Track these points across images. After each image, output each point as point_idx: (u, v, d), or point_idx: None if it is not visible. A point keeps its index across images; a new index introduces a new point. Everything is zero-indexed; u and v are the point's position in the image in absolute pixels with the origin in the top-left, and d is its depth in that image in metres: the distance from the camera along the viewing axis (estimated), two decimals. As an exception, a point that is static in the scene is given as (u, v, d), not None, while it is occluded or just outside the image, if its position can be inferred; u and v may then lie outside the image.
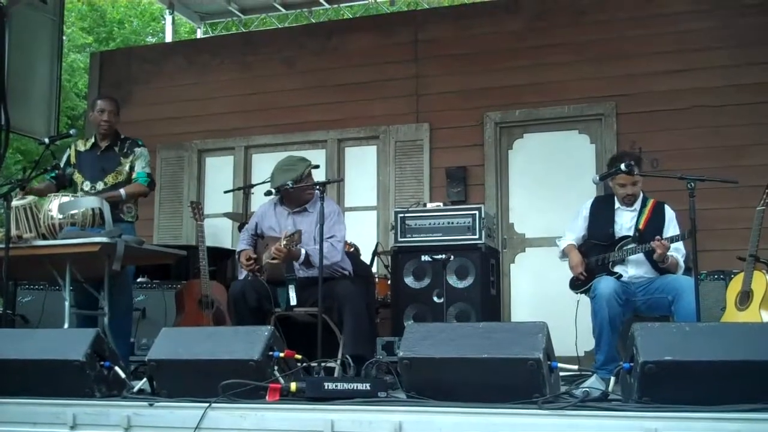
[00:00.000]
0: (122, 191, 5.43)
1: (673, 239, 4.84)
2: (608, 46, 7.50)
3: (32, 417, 3.70)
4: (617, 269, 5.02)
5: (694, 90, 7.16)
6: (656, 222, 5.02)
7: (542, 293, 7.14)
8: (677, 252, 4.94)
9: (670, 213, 5.09)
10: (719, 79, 7.11)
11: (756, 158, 6.72)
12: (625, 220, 5.13)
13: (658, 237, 4.82)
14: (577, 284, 5.18)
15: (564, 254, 5.29)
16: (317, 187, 4.92)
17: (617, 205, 5.17)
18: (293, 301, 4.92)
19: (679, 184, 4.51)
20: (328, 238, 4.93)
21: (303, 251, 4.94)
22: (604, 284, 4.81)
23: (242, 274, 5.27)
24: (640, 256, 4.97)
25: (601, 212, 5.21)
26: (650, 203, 5.13)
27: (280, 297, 5.01)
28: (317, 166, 5.43)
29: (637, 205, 5.13)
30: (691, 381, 3.09)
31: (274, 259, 4.90)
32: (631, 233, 5.06)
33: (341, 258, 5.13)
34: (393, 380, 3.89)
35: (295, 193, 5.15)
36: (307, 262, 4.98)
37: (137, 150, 5.62)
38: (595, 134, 7.54)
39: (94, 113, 5.67)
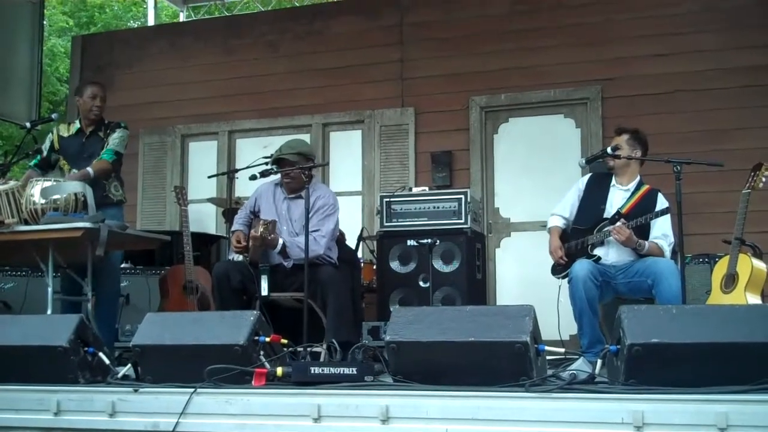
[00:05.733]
0: (89, 170, 5.28)
1: (637, 223, 4.73)
2: (594, 30, 7.48)
3: (16, 403, 3.69)
4: (599, 252, 4.89)
5: (680, 74, 7.15)
6: (643, 208, 4.87)
7: (527, 278, 7.13)
8: (665, 239, 4.84)
9: (662, 202, 4.90)
10: (705, 62, 7.10)
11: (741, 142, 6.72)
12: (617, 200, 5.00)
13: (620, 221, 4.73)
14: (557, 269, 5.14)
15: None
16: (303, 172, 4.87)
17: (613, 182, 5.06)
18: (264, 291, 4.85)
19: (665, 167, 4.51)
20: (313, 231, 4.87)
21: (281, 242, 4.88)
22: (579, 266, 4.71)
23: (232, 254, 5.22)
24: None
25: (596, 190, 5.09)
26: (644, 188, 5.00)
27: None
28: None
29: (632, 185, 5.01)
30: (678, 363, 3.10)
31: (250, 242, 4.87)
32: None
33: (323, 252, 4.96)
34: (380, 368, 3.87)
35: (292, 178, 5.06)
36: (284, 253, 4.92)
37: (117, 130, 5.51)
38: (580, 118, 7.53)
39: (83, 99, 5.54)
